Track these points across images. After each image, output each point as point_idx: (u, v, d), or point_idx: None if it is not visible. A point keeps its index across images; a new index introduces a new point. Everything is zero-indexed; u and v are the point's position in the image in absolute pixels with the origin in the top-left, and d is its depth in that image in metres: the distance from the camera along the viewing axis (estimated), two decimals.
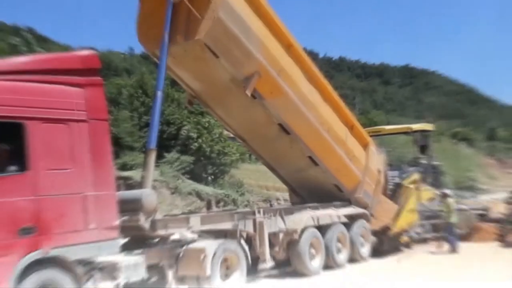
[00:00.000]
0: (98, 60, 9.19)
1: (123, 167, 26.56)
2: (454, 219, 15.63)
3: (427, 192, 17.52)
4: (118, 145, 27.88)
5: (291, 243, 12.44)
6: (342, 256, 13.59)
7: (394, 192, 16.05)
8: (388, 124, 32.63)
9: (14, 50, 32.63)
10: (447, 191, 16.75)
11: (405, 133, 19.82)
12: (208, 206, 26.97)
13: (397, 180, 16.68)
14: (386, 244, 15.50)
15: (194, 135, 30.94)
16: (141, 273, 9.05)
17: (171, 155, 28.94)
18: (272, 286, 11.81)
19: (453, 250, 15.31)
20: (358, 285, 11.69)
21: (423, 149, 18.61)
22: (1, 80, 7.90)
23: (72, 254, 8.09)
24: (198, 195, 27.53)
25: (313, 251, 12.81)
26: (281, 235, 12.28)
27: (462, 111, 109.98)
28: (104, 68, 10.64)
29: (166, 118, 29.88)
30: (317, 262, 12.87)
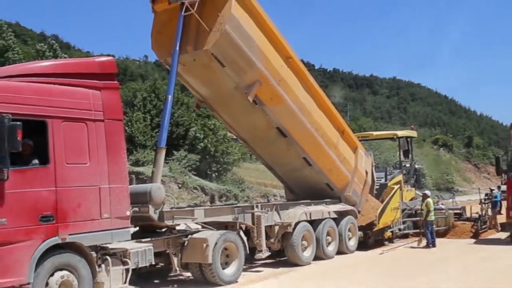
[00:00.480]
0: (115, 66, 9.24)
1: (136, 163, 26.66)
2: (432, 217, 15.76)
3: (409, 192, 17.64)
4: (132, 143, 27.96)
5: (286, 235, 12.54)
6: (331, 248, 13.72)
7: (380, 192, 16.09)
8: (376, 130, 32.66)
9: (40, 55, 32.68)
10: (427, 192, 16.81)
11: (391, 138, 19.88)
12: (212, 200, 27.06)
13: (382, 181, 16.67)
14: (371, 238, 15.65)
15: (201, 136, 31.02)
16: (149, 259, 9.08)
17: (180, 154, 29.02)
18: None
19: (431, 245, 15.46)
20: (342, 275, 11.81)
21: (407, 153, 18.59)
22: (27, 81, 8.00)
23: (87, 240, 8.17)
24: (203, 190, 27.60)
25: (305, 243, 12.90)
26: (276, 228, 12.38)
27: (442, 120, 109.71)
28: (121, 73, 10.77)
29: (175, 120, 29.92)
30: (308, 253, 12.99)
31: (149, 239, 9.70)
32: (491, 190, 21.35)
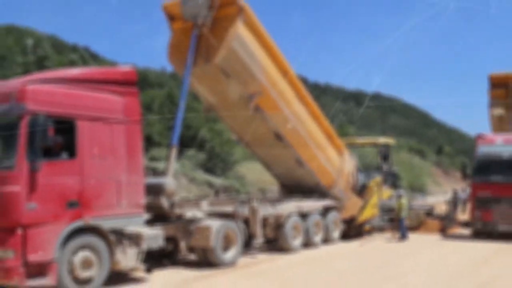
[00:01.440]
0: (135, 75, 9.25)
1: (152, 159, 26.56)
2: (405, 214, 15.70)
3: (387, 192, 17.54)
4: (149, 142, 27.92)
5: (279, 225, 12.55)
6: (318, 238, 13.69)
7: (361, 191, 16.00)
8: (359, 137, 32.72)
9: (72, 64, 32.68)
10: (401, 192, 16.80)
11: (372, 145, 19.80)
12: (216, 193, 26.99)
13: (364, 181, 16.73)
14: (352, 230, 15.57)
15: (208, 138, 31.00)
16: (159, 242, 9.11)
17: (190, 152, 28.99)
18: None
19: (404, 238, 15.43)
20: (327, 262, 11.82)
21: (385, 158, 18.52)
22: (59, 86, 8.03)
23: (106, 224, 8.22)
24: (209, 184, 27.54)
25: (295, 232, 12.90)
26: (271, 219, 12.37)
27: (417, 131, 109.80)
28: (141, 81, 10.67)
29: (186, 123, 29.95)
30: (298, 242, 12.98)
31: (160, 225, 9.72)
32: (455, 191, 21.30)
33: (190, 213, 10.64)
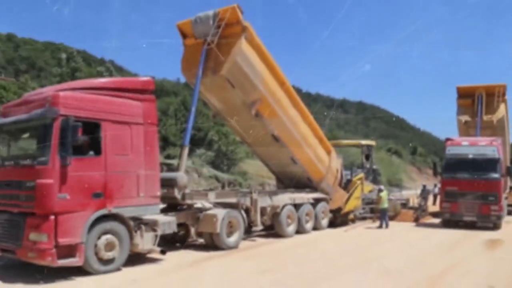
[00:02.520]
0: (153, 84, 9.20)
1: (167, 156, 26.56)
2: (385, 205, 15.65)
3: (368, 186, 17.42)
4: (165, 142, 27.91)
5: (275, 214, 12.49)
6: (308, 225, 13.62)
7: (346, 185, 15.93)
8: (345, 139, 32.55)
9: (99, 75, 32.68)
10: (382, 187, 16.72)
11: (356, 146, 19.74)
12: (222, 186, 26.95)
13: (349, 177, 16.56)
14: (338, 219, 15.51)
15: (216, 139, 30.93)
16: (173, 228, 9.06)
17: (200, 151, 29.00)
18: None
19: (385, 226, 15.37)
20: (317, 245, 11.80)
21: (367, 157, 18.38)
22: (87, 93, 8.00)
23: (127, 212, 8.17)
24: (216, 178, 27.53)
25: (289, 220, 12.84)
26: (268, 209, 12.30)
27: (395, 134, 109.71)
28: (158, 90, 10.71)
29: (197, 126, 29.89)
30: (291, 228, 12.91)
31: (173, 213, 9.68)
32: (424, 186, 21.10)
33: (199, 203, 10.60)
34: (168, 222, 8.90)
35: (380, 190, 16.14)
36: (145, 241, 8.42)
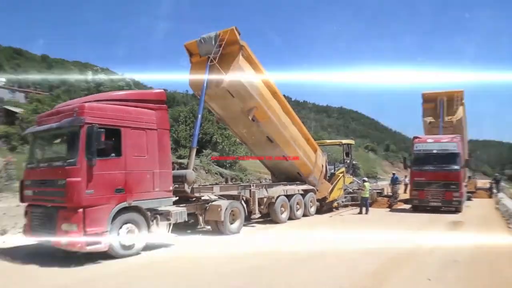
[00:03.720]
0: (165, 95, 9.12)
1: (179, 157, 26.45)
2: (367, 194, 15.60)
3: (349, 179, 17.42)
4: (177, 144, 27.79)
5: (270, 204, 12.45)
6: (299, 213, 13.58)
7: (330, 178, 15.94)
8: (328, 139, 32.44)
9: (119, 89, 32.60)
10: (365, 179, 16.68)
11: (338, 144, 19.77)
12: (226, 181, 26.84)
13: (332, 171, 16.60)
14: (324, 207, 15.51)
15: (220, 141, 30.82)
16: (184, 217, 9.03)
17: (206, 152, 28.86)
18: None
19: (365, 212, 15.33)
20: (307, 228, 11.73)
21: (348, 154, 18.37)
22: (109, 104, 7.94)
23: (144, 204, 8.11)
24: (221, 175, 27.38)
25: (283, 209, 12.81)
26: (265, 199, 12.28)
27: (371, 134, 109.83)
28: (170, 100, 10.68)
29: (203, 130, 29.80)
30: (285, 215, 12.87)
31: (184, 204, 9.63)
32: (393, 173, 21.01)
33: (206, 195, 10.57)
34: (180, 212, 8.87)
35: (364, 180, 16.14)
36: (160, 229, 8.37)
